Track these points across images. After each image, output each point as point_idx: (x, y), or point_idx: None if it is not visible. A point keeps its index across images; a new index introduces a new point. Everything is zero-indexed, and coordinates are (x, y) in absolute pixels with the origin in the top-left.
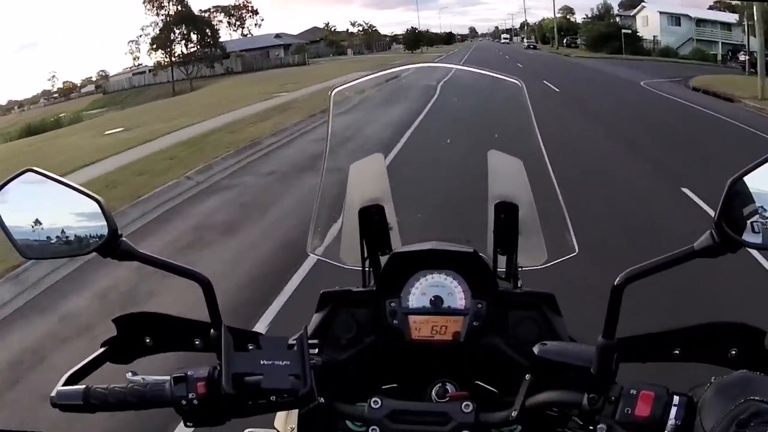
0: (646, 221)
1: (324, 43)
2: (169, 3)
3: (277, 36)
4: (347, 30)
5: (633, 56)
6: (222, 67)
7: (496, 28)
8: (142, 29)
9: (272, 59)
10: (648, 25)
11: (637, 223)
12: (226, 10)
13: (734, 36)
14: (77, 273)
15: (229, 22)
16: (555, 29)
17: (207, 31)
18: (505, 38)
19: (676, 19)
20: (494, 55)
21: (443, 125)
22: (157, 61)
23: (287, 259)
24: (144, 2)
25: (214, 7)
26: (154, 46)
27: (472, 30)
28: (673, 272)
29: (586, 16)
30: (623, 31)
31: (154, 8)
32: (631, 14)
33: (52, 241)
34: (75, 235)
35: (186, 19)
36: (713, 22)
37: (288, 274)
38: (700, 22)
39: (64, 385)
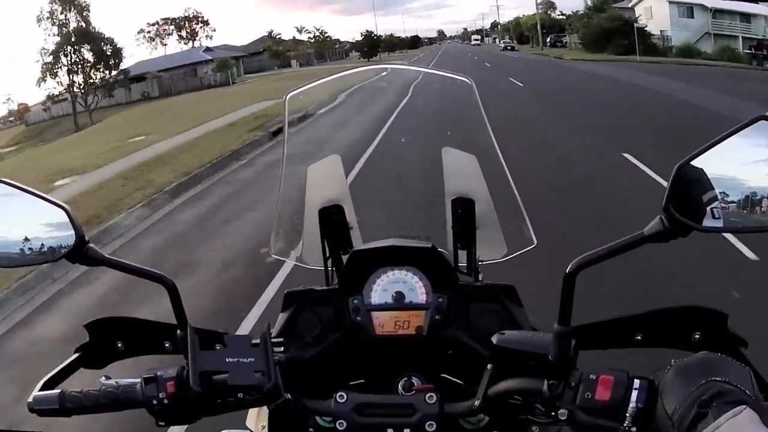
0: None
1: (268, 54)
2: (68, 17)
3: (207, 50)
4: (293, 38)
5: (648, 58)
6: (137, 92)
7: (465, 29)
8: (41, 53)
9: (201, 77)
10: (652, 17)
11: None
12: (175, 22)
13: (754, 28)
14: None
15: (180, 35)
16: (539, 25)
17: (106, 51)
18: (475, 39)
19: (688, 9)
20: (468, 62)
21: (398, 124)
22: (50, 93)
23: None
24: (38, 20)
25: (162, 19)
26: (46, 74)
27: (441, 33)
28: None
29: (576, 11)
30: (635, 26)
31: (55, 26)
32: (629, 5)
33: (23, 250)
34: (44, 243)
35: (81, 37)
36: (731, 13)
37: None
38: (717, 13)
39: (40, 390)
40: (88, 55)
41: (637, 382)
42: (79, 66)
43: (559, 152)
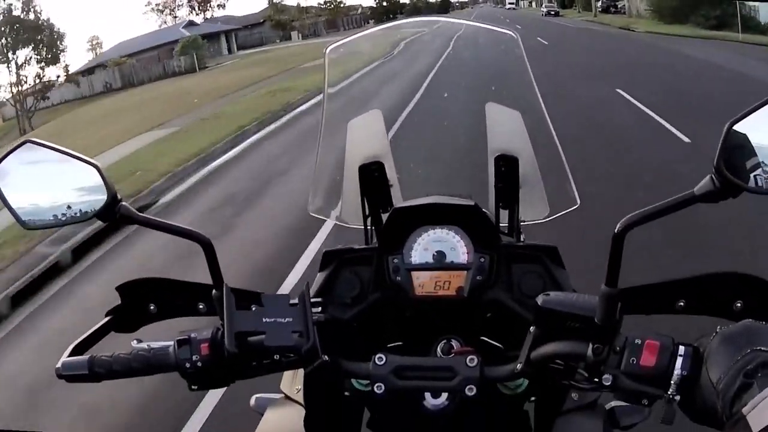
0: None
1: (270, 25)
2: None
3: (191, 24)
4: (298, 4)
5: (756, 37)
6: (99, 83)
7: None
8: None
9: (165, 63)
10: None
11: None
12: None
13: None
14: None
15: (191, 6)
16: None
17: (42, 43)
18: (510, 2)
19: None
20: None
21: (440, 79)
22: None
23: None
24: None
25: None
26: None
27: None
28: None
29: None
30: None
31: None
32: None
33: (54, 210)
34: (75, 203)
35: (13, 27)
36: None
37: None
38: None
39: (69, 356)
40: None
41: (682, 349)
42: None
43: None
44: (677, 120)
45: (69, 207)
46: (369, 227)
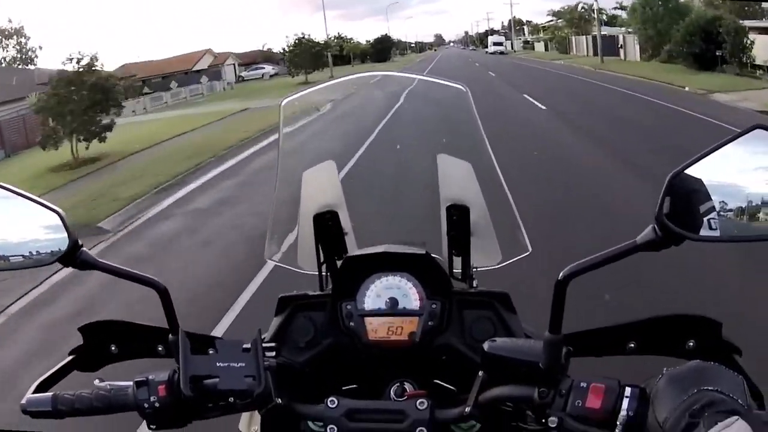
0: None
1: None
2: None
3: None
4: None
5: None
6: None
7: (466, 33)
8: None
9: None
10: None
11: None
12: None
13: None
14: None
15: None
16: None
17: None
18: (496, 44)
19: None
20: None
21: (392, 132)
22: None
23: None
24: None
25: None
26: None
27: (438, 37)
28: None
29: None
30: None
31: None
32: None
33: (16, 253)
34: (37, 247)
35: None
36: None
37: None
38: None
39: (34, 392)
40: None
41: (628, 390)
42: None
43: None
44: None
45: (30, 251)
46: (324, 273)
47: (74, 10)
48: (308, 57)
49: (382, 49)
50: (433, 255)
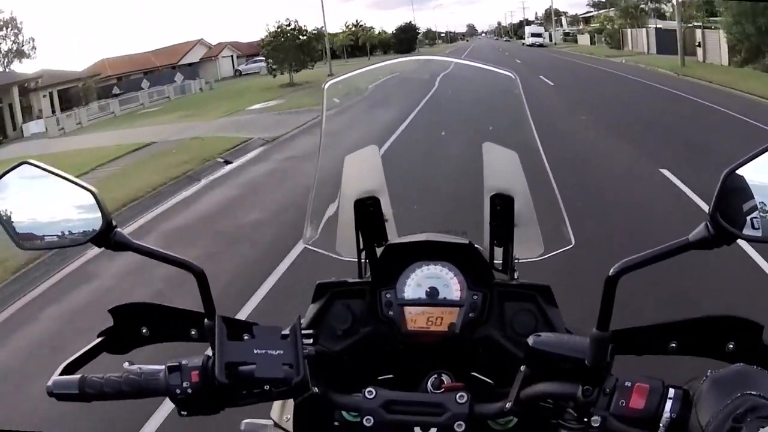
0: None
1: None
2: None
3: None
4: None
5: None
6: None
7: (499, 24)
8: None
9: None
10: None
11: None
12: None
13: None
14: None
15: None
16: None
17: None
18: (534, 35)
19: None
20: None
21: (438, 118)
22: None
23: None
24: None
25: None
26: None
27: (471, 27)
28: None
29: None
30: None
31: None
32: None
33: (49, 233)
34: (70, 227)
35: None
36: None
37: None
38: None
39: (60, 374)
40: None
41: (671, 392)
42: None
43: None
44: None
45: (64, 231)
46: (363, 260)
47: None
48: (292, 50)
49: (406, 39)
50: (475, 245)
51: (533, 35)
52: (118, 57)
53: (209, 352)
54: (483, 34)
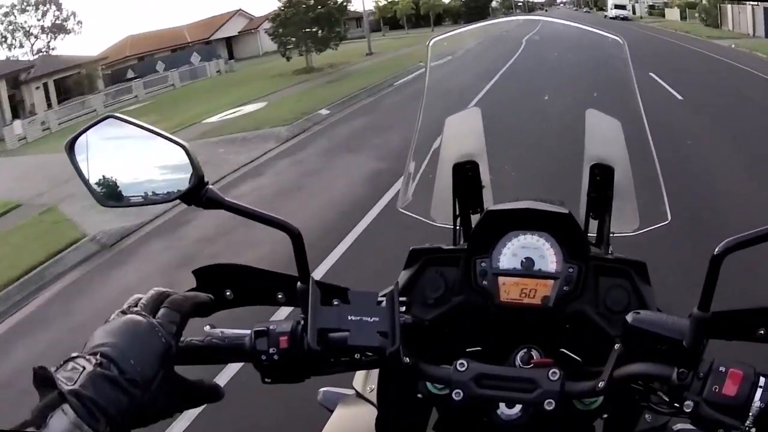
0: None
1: None
2: None
3: None
4: None
5: None
6: None
7: None
8: None
9: None
10: None
11: None
12: None
13: None
14: None
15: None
16: None
17: None
18: (618, 7)
19: None
20: None
21: (539, 81)
22: None
23: None
24: None
25: None
26: None
27: None
28: None
29: None
30: None
31: None
32: None
33: (135, 189)
34: (158, 182)
35: None
36: None
37: None
38: None
39: None
40: None
41: (762, 380)
42: None
43: None
44: None
45: (151, 187)
46: (458, 227)
47: None
48: (307, 25)
49: (477, 8)
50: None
51: (617, 6)
52: (143, 33)
53: (299, 317)
54: (562, 4)
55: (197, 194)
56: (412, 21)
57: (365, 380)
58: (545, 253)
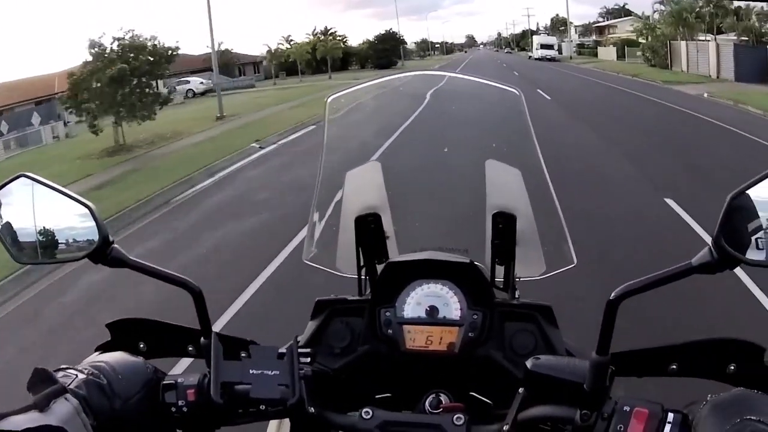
0: None
1: None
2: None
3: None
4: None
5: None
6: None
7: (499, 34)
8: None
9: None
10: None
11: None
12: None
13: None
14: None
15: None
16: None
17: None
18: (545, 47)
19: None
20: None
21: (440, 134)
22: None
23: None
24: None
25: None
26: None
27: (470, 38)
28: None
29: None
30: None
31: None
32: None
33: (44, 247)
34: (67, 242)
35: None
36: None
37: None
38: None
39: None
40: None
41: (671, 416)
42: None
43: None
44: None
45: (60, 246)
46: (363, 277)
47: None
48: (108, 87)
49: (386, 50)
50: (476, 263)
51: (543, 46)
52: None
53: (205, 370)
54: (482, 45)
55: (103, 253)
56: (312, 66)
57: (278, 430)
58: (449, 301)
